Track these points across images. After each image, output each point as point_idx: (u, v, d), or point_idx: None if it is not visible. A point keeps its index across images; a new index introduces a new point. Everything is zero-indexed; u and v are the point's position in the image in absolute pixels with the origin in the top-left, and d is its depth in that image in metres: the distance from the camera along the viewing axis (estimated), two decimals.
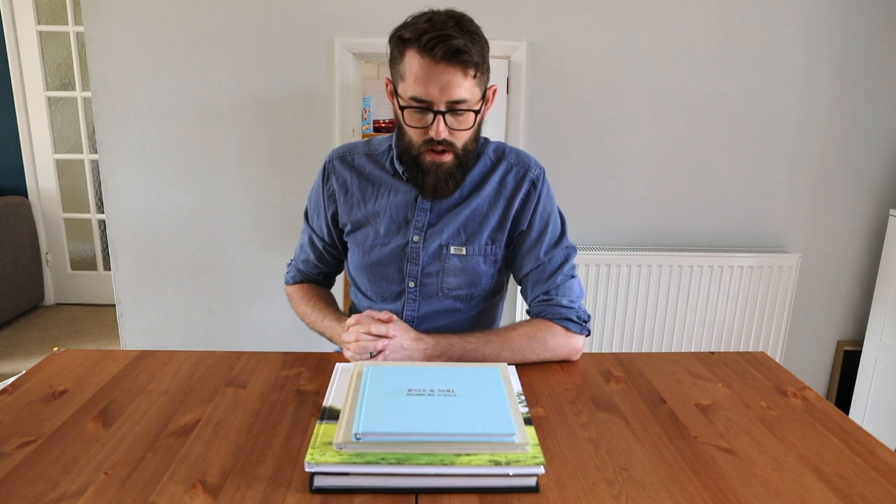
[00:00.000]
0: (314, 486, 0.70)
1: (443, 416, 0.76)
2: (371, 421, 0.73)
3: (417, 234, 1.12)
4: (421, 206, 1.12)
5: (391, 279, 1.16)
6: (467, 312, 1.19)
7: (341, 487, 0.70)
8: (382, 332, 0.99)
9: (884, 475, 0.77)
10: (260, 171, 2.07)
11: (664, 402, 0.95)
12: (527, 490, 0.71)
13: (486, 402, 0.79)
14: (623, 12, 1.99)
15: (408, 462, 0.69)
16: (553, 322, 1.08)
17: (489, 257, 1.14)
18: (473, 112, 1.00)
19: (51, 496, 0.69)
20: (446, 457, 0.70)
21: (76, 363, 1.04)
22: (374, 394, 0.80)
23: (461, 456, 0.71)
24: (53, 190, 3.42)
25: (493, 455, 0.71)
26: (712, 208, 2.17)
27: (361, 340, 0.98)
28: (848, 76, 2.07)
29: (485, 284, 1.16)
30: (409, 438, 0.72)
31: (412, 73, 0.96)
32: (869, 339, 2.16)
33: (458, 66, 0.94)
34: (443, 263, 1.13)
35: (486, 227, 1.12)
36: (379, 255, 1.15)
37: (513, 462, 0.70)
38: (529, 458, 0.71)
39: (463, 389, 0.82)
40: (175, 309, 2.18)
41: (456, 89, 0.95)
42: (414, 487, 0.71)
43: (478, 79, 0.99)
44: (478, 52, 0.96)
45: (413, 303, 1.17)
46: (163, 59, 1.98)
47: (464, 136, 1.02)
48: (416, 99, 0.97)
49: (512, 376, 0.90)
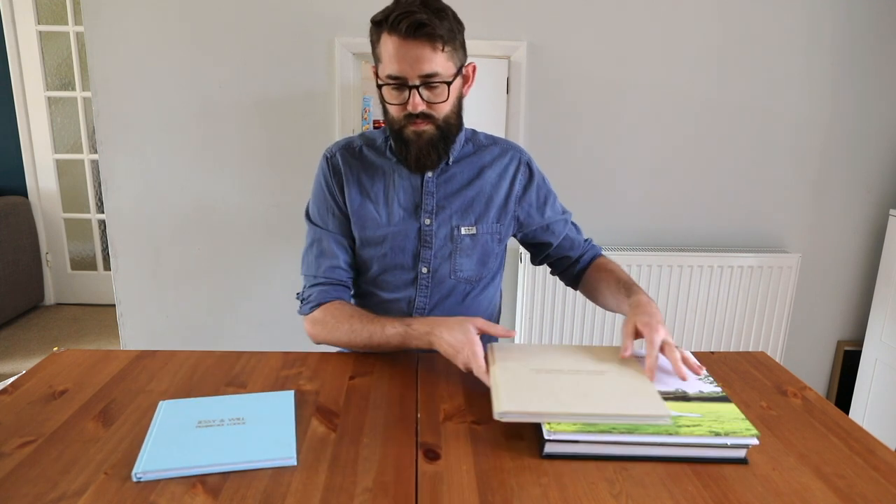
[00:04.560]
0: (544, 452, 0.78)
1: (230, 444, 0.78)
2: (153, 459, 0.75)
3: (429, 217, 1.15)
4: (428, 190, 1.15)
5: (405, 267, 1.17)
6: (475, 295, 1.23)
7: (570, 454, 0.79)
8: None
9: (884, 475, 0.77)
10: (260, 171, 2.07)
11: None
12: (737, 461, 0.78)
13: (272, 427, 0.83)
14: (623, 12, 1.99)
15: (637, 431, 0.78)
16: (603, 256, 1.30)
17: (495, 235, 1.20)
18: (447, 84, 1.03)
19: (51, 496, 0.69)
20: (670, 428, 0.79)
21: (76, 363, 1.04)
22: (163, 429, 0.82)
23: (682, 427, 0.79)
24: (53, 190, 3.42)
25: (710, 426, 0.79)
26: (712, 208, 2.17)
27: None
28: (848, 76, 2.07)
29: (492, 264, 1.22)
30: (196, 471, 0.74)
31: (387, 53, 1.01)
32: (869, 339, 2.16)
33: (424, 40, 0.98)
34: (455, 245, 1.17)
35: (492, 208, 1.18)
36: (392, 244, 1.16)
37: (731, 433, 0.78)
38: (744, 429, 0.79)
39: (252, 417, 0.85)
40: (175, 309, 2.18)
41: (426, 63, 1.00)
42: (633, 455, 0.79)
43: (448, 53, 1.02)
44: (446, 27, 1.00)
45: (426, 289, 1.18)
46: (163, 59, 1.98)
47: (442, 109, 1.06)
48: (392, 76, 1.01)
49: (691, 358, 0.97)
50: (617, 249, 2.12)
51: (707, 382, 0.92)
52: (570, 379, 0.88)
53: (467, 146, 1.19)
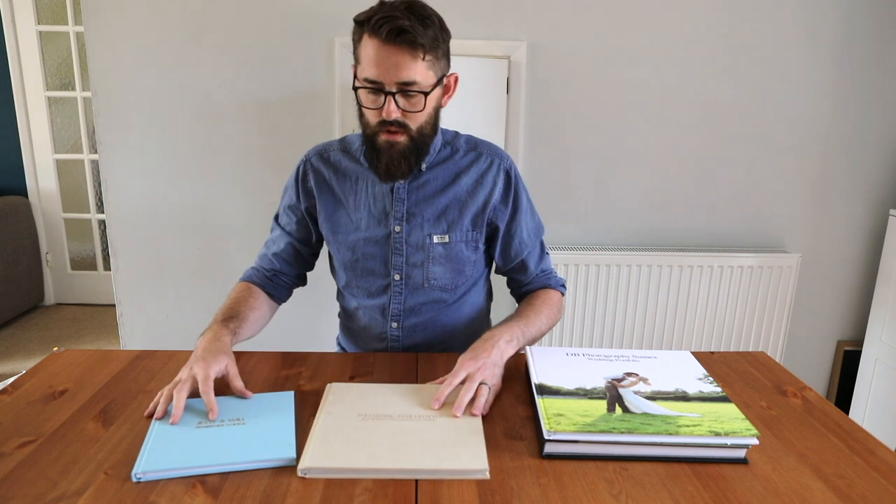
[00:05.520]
0: (544, 452, 0.79)
1: (228, 444, 0.79)
2: (153, 459, 0.75)
3: (398, 225, 1.14)
4: (398, 196, 1.13)
5: (377, 273, 1.17)
6: (452, 303, 1.21)
7: (570, 454, 0.79)
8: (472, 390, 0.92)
9: (884, 475, 0.77)
10: (260, 171, 2.07)
11: None
12: (737, 461, 0.79)
13: (272, 427, 0.83)
14: (623, 12, 1.99)
15: (637, 431, 0.78)
16: (554, 290, 1.23)
17: (470, 243, 1.16)
18: (424, 94, 1.00)
19: (51, 496, 0.69)
20: (670, 428, 0.79)
21: (76, 363, 1.04)
22: (163, 429, 0.82)
23: (682, 427, 0.80)
24: (53, 190, 3.42)
25: (710, 426, 0.80)
26: (712, 208, 2.17)
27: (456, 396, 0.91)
28: (848, 76, 2.07)
29: (468, 272, 1.19)
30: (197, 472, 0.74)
31: (366, 56, 0.98)
32: (869, 339, 2.16)
33: (405, 48, 0.95)
34: (427, 253, 1.15)
35: (467, 215, 1.14)
36: (363, 250, 1.16)
37: (731, 433, 0.78)
38: (744, 429, 0.79)
39: (252, 417, 0.85)
40: (175, 309, 2.18)
41: (405, 70, 0.96)
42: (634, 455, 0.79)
43: (428, 62, 0.99)
44: (429, 36, 0.97)
45: (399, 296, 1.18)
46: (163, 58, 1.98)
47: (417, 119, 1.03)
48: (369, 80, 0.98)
49: (691, 362, 0.99)
50: (617, 249, 2.12)
51: (707, 382, 0.92)
52: (396, 426, 0.83)
53: (444, 150, 1.15)
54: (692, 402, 0.86)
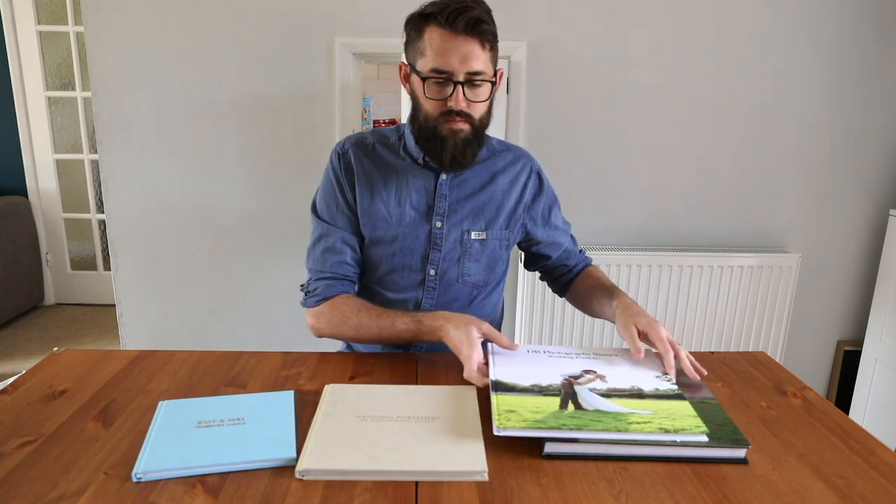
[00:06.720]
0: (545, 452, 0.78)
1: (230, 445, 0.78)
2: (153, 459, 0.75)
3: (440, 220, 1.15)
4: (441, 193, 1.15)
5: (413, 268, 1.17)
6: (481, 299, 1.23)
7: (570, 454, 0.79)
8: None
9: (884, 475, 0.77)
10: (260, 171, 2.07)
11: None
12: (737, 461, 0.79)
13: (272, 427, 0.83)
14: (623, 12, 1.99)
15: (586, 428, 0.79)
16: (593, 266, 1.32)
17: (503, 242, 1.21)
18: (490, 83, 1.04)
19: (51, 496, 0.69)
20: (620, 424, 0.80)
21: (76, 363, 1.04)
22: (163, 429, 0.82)
23: (632, 424, 0.80)
24: (53, 190, 3.42)
25: (661, 423, 0.80)
26: (712, 208, 2.17)
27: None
28: (848, 76, 2.07)
29: (499, 269, 1.23)
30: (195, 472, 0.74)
31: (433, 47, 1.00)
32: (869, 339, 2.16)
33: (476, 37, 1.00)
34: (464, 249, 1.17)
35: (502, 213, 1.19)
36: (403, 245, 1.15)
37: (680, 430, 0.79)
38: (693, 426, 0.80)
39: (252, 417, 0.85)
40: (175, 309, 2.18)
41: (474, 60, 1.00)
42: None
43: (492, 53, 1.04)
44: (494, 28, 1.02)
45: (433, 291, 1.18)
46: (163, 58, 1.98)
47: (480, 109, 1.07)
48: (437, 70, 1.01)
49: (652, 360, 1.00)
50: (617, 249, 2.12)
51: (664, 380, 0.93)
52: (394, 428, 0.82)
53: (482, 150, 1.18)
54: (646, 399, 0.87)
